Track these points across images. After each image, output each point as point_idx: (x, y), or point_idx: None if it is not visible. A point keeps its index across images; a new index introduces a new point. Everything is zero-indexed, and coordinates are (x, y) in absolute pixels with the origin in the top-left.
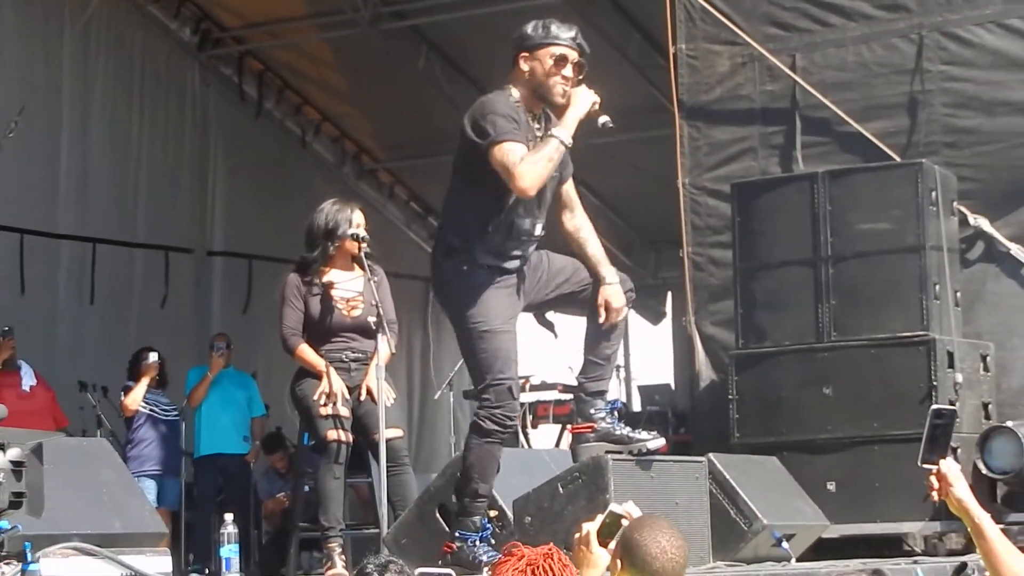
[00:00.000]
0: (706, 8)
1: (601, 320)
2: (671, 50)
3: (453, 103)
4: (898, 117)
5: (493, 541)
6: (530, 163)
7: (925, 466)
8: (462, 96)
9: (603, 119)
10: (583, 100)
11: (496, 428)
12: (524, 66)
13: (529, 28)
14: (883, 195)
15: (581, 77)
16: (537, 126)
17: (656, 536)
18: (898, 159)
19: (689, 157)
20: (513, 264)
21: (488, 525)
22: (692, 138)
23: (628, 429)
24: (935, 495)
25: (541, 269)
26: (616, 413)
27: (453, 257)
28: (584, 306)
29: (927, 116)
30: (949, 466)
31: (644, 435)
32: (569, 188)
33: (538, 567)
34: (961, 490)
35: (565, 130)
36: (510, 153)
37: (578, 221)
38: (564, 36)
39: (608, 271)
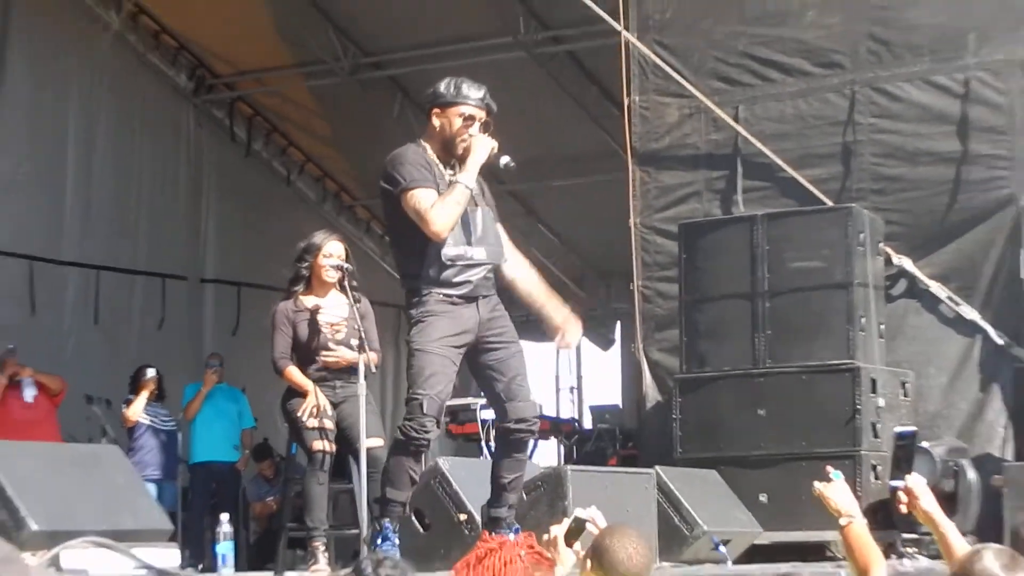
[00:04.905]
0: (657, 63)
1: (557, 341)
2: (625, 101)
3: None
4: (831, 165)
5: (397, 541)
6: (440, 208)
7: (893, 482)
8: None
9: (504, 159)
10: (481, 147)
11: (402, 439)
12: (435, 121)
13: (442, 86)
14: (816, 236)
15: (488, 134)
16: (450, 172)
17: (624, 543)
18: (830, 203)
19: (640, 199)
20: (462, 291)
21: (389, 527)
22: (643, 182)
23: None
24: (904, 508)
25: (497, 323)
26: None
27: (408, 295)
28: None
29: (857, 165)
30: (915, 482)
31: None
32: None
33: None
34: (927, 502)
35: (467, 175)
36: (421, 200)
37: (513, 272)
38: (473, 96)
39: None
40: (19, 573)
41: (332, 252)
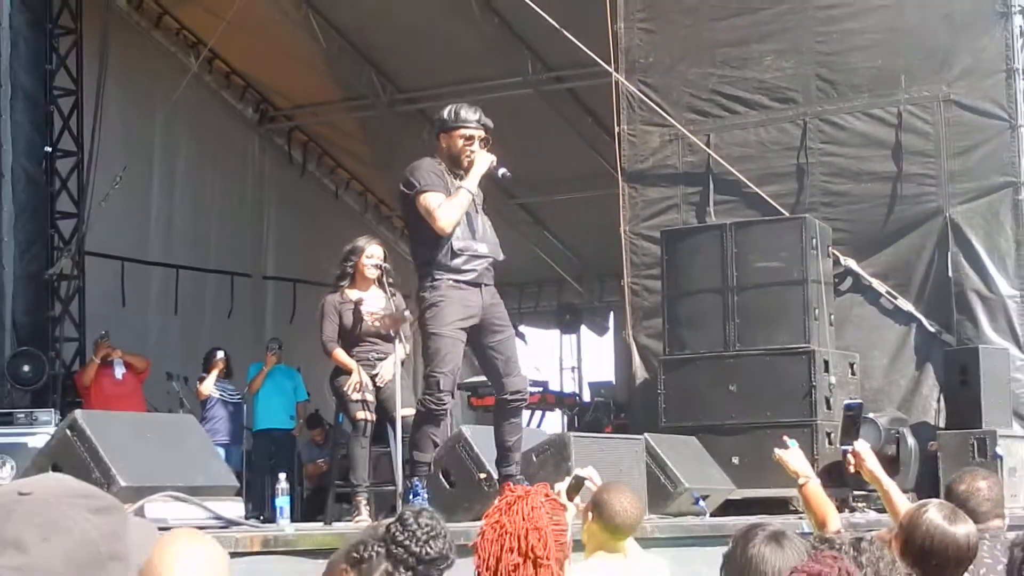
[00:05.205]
0: (642, 98)
1: None
2: (615, 129)
3: None
4: (787, 182)
5: (426, 496)
6: (446, 208)
7: (843, 447)
8: None
9: (502, 171)
10: (482, 161)
11: (424, 411)
12: (442, 143)
13: (444, 113)
14: (776, 241)
15: (487, 149)
16: (457, 183)
17: (619, 498)
18: (787, 214)
19: (629, 211)
20: (468, 277)
21: (418, 484)
22: (631, 197)
23: None
24: (852, 469)
25: (497, 309)
26: None
27: (422, 280)
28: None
29: (809, 182)
30: (861, 446)
31: None
32: None
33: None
34: (872, 464)
35: (470, 181)
36: (431, 201)
37: None
38: (471, 119)
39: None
40: (121, 520)
41: (373, 254)
